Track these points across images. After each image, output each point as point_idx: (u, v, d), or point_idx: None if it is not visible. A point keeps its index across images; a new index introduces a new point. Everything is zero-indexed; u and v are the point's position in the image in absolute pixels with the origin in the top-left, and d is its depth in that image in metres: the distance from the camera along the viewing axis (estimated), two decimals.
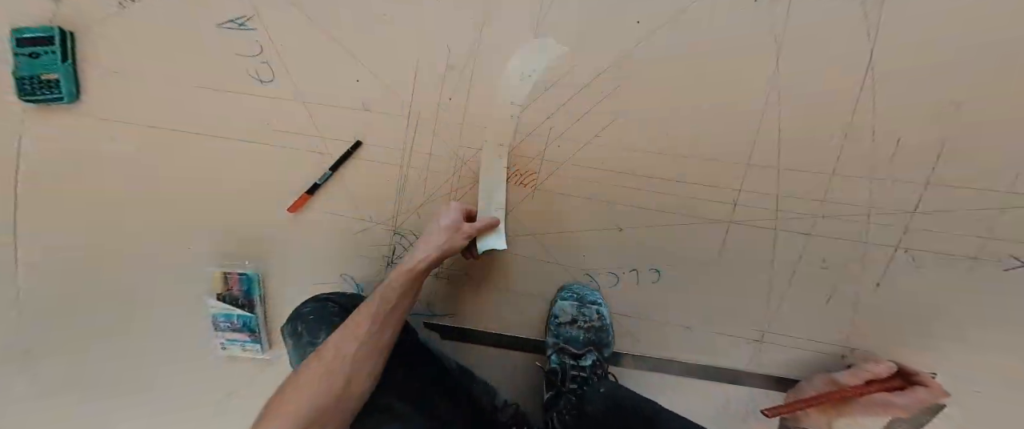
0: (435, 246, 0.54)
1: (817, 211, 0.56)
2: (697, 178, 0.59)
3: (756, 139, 0.56)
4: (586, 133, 0.61)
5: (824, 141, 0.54)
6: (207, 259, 0.74)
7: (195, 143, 0.69)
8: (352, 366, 0.44)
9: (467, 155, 0.65)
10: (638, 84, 0.58)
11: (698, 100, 0.57)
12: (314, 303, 0.60)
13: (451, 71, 0.62)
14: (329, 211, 0.70)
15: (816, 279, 0.57)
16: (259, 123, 0.67)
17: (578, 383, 0.59)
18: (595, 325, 0.61)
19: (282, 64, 0.65)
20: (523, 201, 0.65)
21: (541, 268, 0.67)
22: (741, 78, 0.55)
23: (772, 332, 0.61)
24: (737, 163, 0.57)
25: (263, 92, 0.66)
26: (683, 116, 0.57)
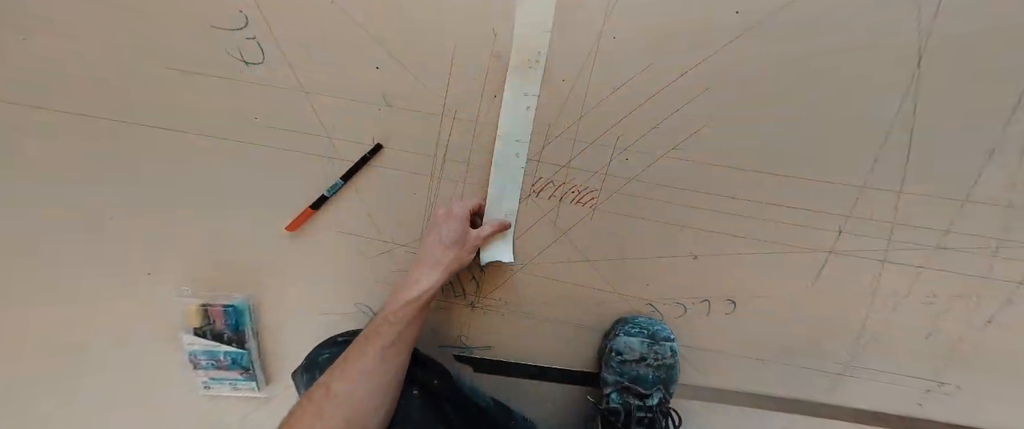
0: (440, 268, 0.46)
1: (937, 242, 0.48)
2: (796, 201, 0.49)
3: (878, 157, 0.46)
4: (662, 144, 0.50)
5: (962, 161, 0.45)
6: (177, 288, 0.60)
7: (155, 141, 0.53)
8: (348, 406, 0.40)
9: None
10: (732, 87, 0.47)
11: (807, 108, 0.46)
12: (332, 348, 0.51)
13: (496, 61, 0.49)
14: (340, 229, 0.58)
15: (919, 314, 0.51)
16: (244, 117, 0.52)
17: (645, 425, 0.52)
18: (667, 363, 0.54)
19: (275, 42, 0.49)
20: (580, 222, 0.54)
21: (595, 297, 0.58)
22: (867, 83, 0.45)
23: (855, 366, 0.55)
24: (849, 185, 0.48)
25: (249, 77, 0.51)
26: (786, 127, 0.47)
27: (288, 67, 0.50)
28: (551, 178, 0.53)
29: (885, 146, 0.46)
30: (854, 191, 0.48)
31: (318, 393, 0.41)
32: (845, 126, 0.46)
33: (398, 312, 0.44)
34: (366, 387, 0.41)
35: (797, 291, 0.53)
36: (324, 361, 0.49)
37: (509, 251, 0.55)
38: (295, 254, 0.59)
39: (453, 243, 0.47)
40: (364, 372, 0.41)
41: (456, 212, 0.48)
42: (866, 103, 0.45)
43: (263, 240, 0.58)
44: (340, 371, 0.42)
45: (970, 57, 0.43)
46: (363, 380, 0.41)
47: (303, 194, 0.55)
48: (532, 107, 0.50)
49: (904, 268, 0.49)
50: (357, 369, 0.41)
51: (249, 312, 0.61)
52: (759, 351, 0.57)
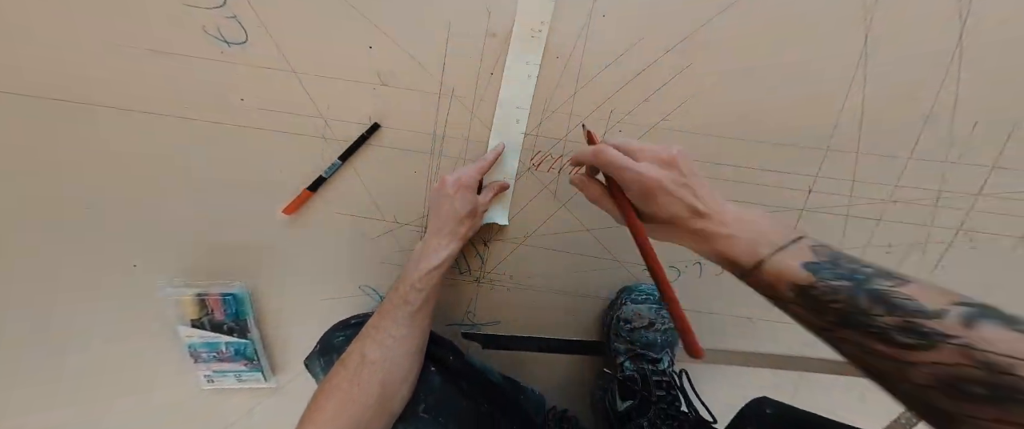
0: (457, 238, 0.48)
1: (889, 196, 0.54)
2: (773, 164, 0.54)
3: (838, 122, 0.52)
4: (651, 116, 0.54)
5: (906, 124, 0.52)
6: (168, 278, 0.58)
7: (132, 124, 0.51)
8: (384, 372, 0.42)
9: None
10: (713, 61, 0.51)
11: (778, 80, 0.51)
12: (346, 330, 0.51)
13: (491, 39, 0.51)
14: (340, 210, 0.57)
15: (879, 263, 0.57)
16: (228, 99, 0.51)
17: (664, 389, 0.55)
18: (671, 326, 0.57)
19: (258, 21, 0.48)
20: (578, 193, 0.57)
21: (596, 265, 0.60)
22: (827, 57, 0.50)
23: None
24: (816, 148, 0.53)
25: (232, 57, 0.49)
26: (762, 97, 0.52)
27: (275, 47, 0.49)
28: (549, 151, 0.55)
29: (843, 112, 0.52)
30: (820, 154, 0.54)
31: (353, 360, 0.42)
32: (811, 95, 0.52)
33: (423, 279, 0.45)
34: (399, 351, 0.43)
35: None
36: (340, 342, 0.50)
37: (505, 213, 0.57)
38: (294, 238, 0.57)
39: (468, 213, 0.49)
40: (398, 338, 0.43)
41: (466, 181, 0.49)
42: (827, 74, 0.51)
43: (259, 225, 0.56)
44: (372, 339, 0.43)
45: (907, 37, 0.50)
46: (396, 346, 0.43)
47: (299, 176, 0.55)
48: (533, 75, 0.52)
49: (864, 222, 0.56)
50: (391, 335, 0.43)
51: (249, 300, 0.59)
52: (746, 309, 0.61)
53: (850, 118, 0.52)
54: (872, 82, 0.51)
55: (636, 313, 0.57)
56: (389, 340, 0.43)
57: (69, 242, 0.55)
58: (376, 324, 0.45)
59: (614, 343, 0.60)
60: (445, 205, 0.49)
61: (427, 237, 0.49)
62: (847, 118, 0.52)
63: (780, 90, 0.52)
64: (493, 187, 0.54)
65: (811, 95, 0.52)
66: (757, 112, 0.53)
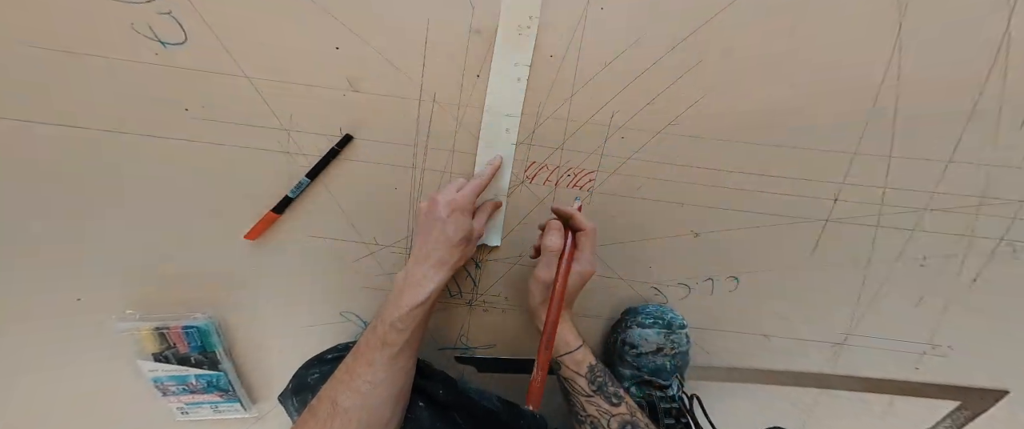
0: (446, 267, 0.42)
1: (925, 204, 0.49)
2: (794, 171, 0.49)
3: (868, 122, 0.46)
4: (658, 120, 0.48)
5: (945, 123, 0.46)
6: (120, 313, 0.52)
7: (60, 139, 0.45)
8: (359, 421, 0.37)
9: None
10: (725, 58, 0.45)
11: (800, 77, 0.45)
12: (321, 366, 0.47)
13: (476, 37, 0.45)
14: (312, 233, 0.51)
15: (912, 277, 0.52)
16: (170, 109, 0.45)
17: (673, 417, 0.50)
18: (682, 350, 0.52)
19: (198, 17, 0.42)
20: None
21: (598, 283, 0.55)
22: (854, 51, 0.44)
23: (856, 334, 0.55)
24: (843, 152, 0.48)
25: (170, 60, 0.43)
26: (781, 97, 0.46)
27: (221, 48, 0.43)
28: (544, 162, 0.50)
29: (874, 112, 0.46)
30: (847, 158, 0.48)
31: (323, 408, 0.38)
32: (836, 94, 0.46)
33: (405, 318, 0.39)
34: (377, 398, 0.38)
35: (796, 262, 0.52)
36: (314, 381, 0.45)
37: (498, 234, 0.52)
38: (262, 264, 0.52)
39: (462, 240, 0.42)
40: (374, 383, 0.38)
41: (461, 204, 0.43)
42: (854, 71, 0.45)
43: (220, 252, 0.51)
44: (346, 384, 0.38)
45: (947, 27, 0.44)
46: (373, 392, 0.38)
47: (262, 196, 0.49)
48: (523, 78, 0.46)
49: (896, 232, 0.50)
50: (366, 381, 0.38)
51: (216, 331, 0.54)
52: (764, 326, 0.56)
53: (882, 118, 0.46)
54: (907, 76, 0.45)
55: (643, 338, 0.52)
56: (365, 386, 0.38)
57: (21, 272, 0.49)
58: (350, 367, 0.39)
59: (618, 367, 0.55)
60: (436, 229, 0.42)
61: (411, 266, 0.42)
62: (878, 118, 0.46)
63: (802, 88, 0.46)
64: (486, 208, 0.48)
65: (837, 93, 0.46)
66: (776, 114, 0.47)
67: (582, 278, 0.44)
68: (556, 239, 0.43)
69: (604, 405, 0.42)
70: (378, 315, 0.42)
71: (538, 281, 0.44)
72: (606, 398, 0.42)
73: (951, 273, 0.51)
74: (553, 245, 0.43)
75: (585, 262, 0.44)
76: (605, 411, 0.42)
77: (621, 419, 0.41)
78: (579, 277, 0.43)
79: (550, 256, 0.43)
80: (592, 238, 0.44)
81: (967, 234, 0.50)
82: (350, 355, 0.41)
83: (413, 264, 0.42)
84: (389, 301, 0.42)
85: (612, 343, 0.56)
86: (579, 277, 0.43)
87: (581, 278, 0.44)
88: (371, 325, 0.42)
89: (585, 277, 0.44)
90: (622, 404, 0.42)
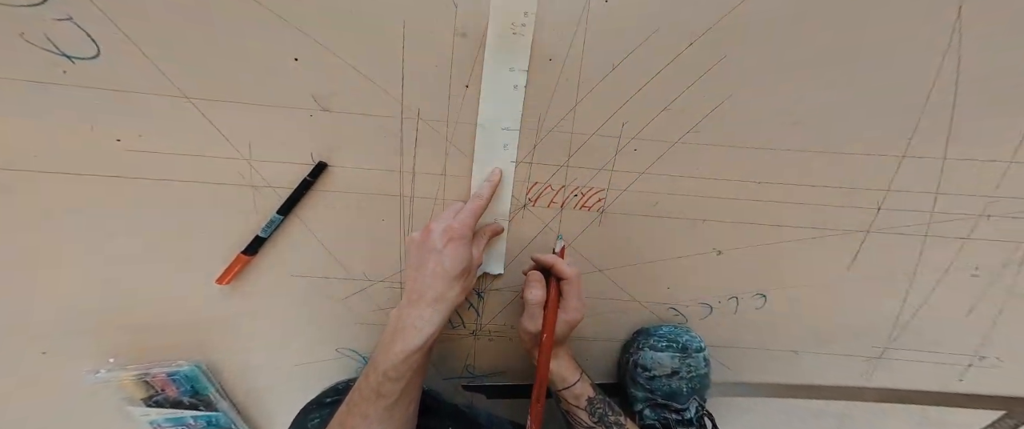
0: (445, 304, 0.37)
1: (982, 210, 0.43)
2: (832, 179, 0.43)
3: (919, 122, 0.40)
4: (676, 128, 0.41)
5: (1009, 119, 0.40)
6: (95, 364, 0.48)
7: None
8: None
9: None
10: (752, 55, 0.38)
11: (838, 74, 0.39)
12: (320, 410, 0.45)
13: (462, 41, 0.38)
14: (293, 273, 0.46)
15: (961, 288, 0.47)
16: (95, 139, 0.38)
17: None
18: (701, 373, 0.48)
19: (110, 23, 0.34)
20: (587, 229, 0.46)
21: (611, 306, 0.50)
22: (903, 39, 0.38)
23: (894, 347, 0.51)
24: (888, 156, 0.42)
25: (81, 78, 0.35)
26: (815, 97, 0.40)
27: (147, 61, 0.36)
28: (548, 182, 0.44)
29: (926, 109, 0.40)
30: (893, 162, 0.42)
31: None
32: (882, 90, 0.39)
33: (399, 366, 0.35)
34: None
35: (833, 276, 0.47)
36: (315, 426, 0.44)
37: (500, 261, 0.47)
38: (243, 308, 0.47)
39: (461, 273, 0.37)
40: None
41: (459, 231, 0.37)
42: (905, 61, 0.38)
43: (192, 299, 0.46)
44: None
45: (1015, 12, 0.37)
46: None
47: (231, 235, 0.44)
48: (520, 85, 0.40)
49: (947, 241, 0.45)
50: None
51: (205, 375, 0.50)
52: (793, 343, 0.52)
53: (936, 114, 0.40)
54: (967, 66, 0.38)
55: (656, 361, 0.47)
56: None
57: None
58: (344, 421, 0.37)
59: (630, 389, 0.51)
60: (430, 262, 0.37)
61: (404, 307, 0.37)
62: (932, 115, 0.40)
63: (843, 85, 0.39)
64: (485, 233, 0.43)
65: (884, 89, 0.39)
66: (812, 115, 0.40)
67: (569, 325, 0.42)
68: (536, 292, 0.41)
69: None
70: (370, 361, 0.37)
71: (524, 331, 0.42)
72: (606, 428, 0.42)
73: (1006, 283, 0.46)
74: (533, 298, 0.41)
75: (571, 310, 0.41)
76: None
77: None
78: (566, 325, 0.41)
79: (532, 308, 0.41)
80: (577, 285, 0.41)
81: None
82: (344, 405, 0.37)
83: (407, 305, 0.37)
84: (380, 348, 0.37)
85: (624, 364, 0.52)
86: (566, 325, 0.41)
87: (568, 325, 0.41)
88: (364, 372, 0.38)
89: (572, 324, 0.42)
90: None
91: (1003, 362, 0.50)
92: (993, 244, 0.44)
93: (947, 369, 0.51)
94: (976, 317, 0.48)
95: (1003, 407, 0.53)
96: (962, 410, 0.54)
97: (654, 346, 0.48)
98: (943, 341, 0.50)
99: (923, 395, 0.53)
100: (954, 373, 0.51)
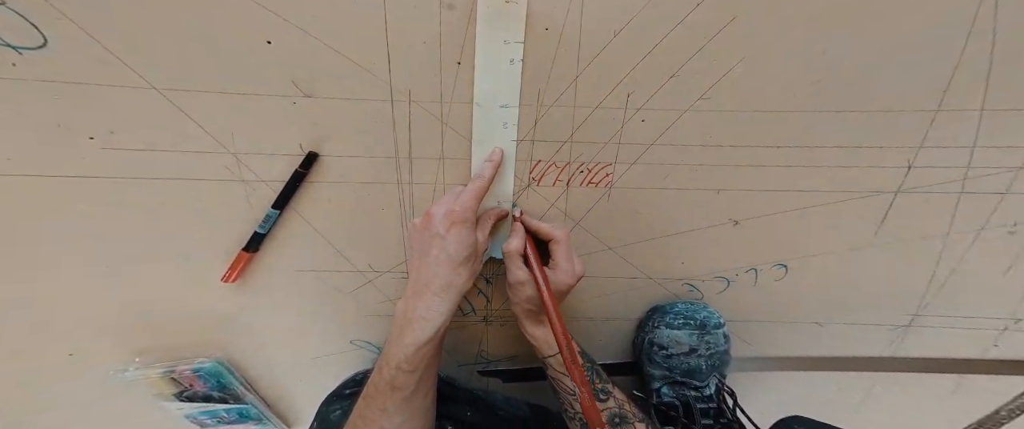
0: (453, 291, 0.36)
1: (1022, 161, 0.40)
2: (855, 139, 0.40)
3: (955, 71, 0.37)
4: (685, 95, 0.39)
5: None
6: (121, 363, 0.48)
7: None
8: None
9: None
10: (766, 11, 0.35)
11: (861, 25, 0.35)
12: (341, 401, 0.46)
13: (450, 13, 0.36)
14: (298, 268, 0.45)
15: (997, 247, 0.44)
16: (63, 136, 0.36)
17: (711, 417, 0.45)
18: (720, 350, 0.46)
19: (52, 8, 0.31)
20: (595, 206, 0.44)
21: (624, 285, 0.49)
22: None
23: (925, 314, 0.48)
24: (921, 111, 0.38)
25: (34, 70, 0.33)
26: (837, 52, 0.36)
27: (103, 50, 0.33)
28: (552, 159, 0.42)
29: (964, 57, 0.36)
30: (926, 117, 0.39)
31: None
32: (912, 39, 0.36)
33: (411, 358, 0.35)
34: None
35: (858, 242, 0.45)
36: (338, 417, 0.44)
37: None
38: (253, 305, 0.47)
39: (466, 258, 0.36)
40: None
41: (461, 214, 0.36)
42: (936, 8, 0.35)
43: (200, 298, 0.46)
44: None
45: None
46: None
47: (230, 233, 0.43)
48: (517, 59, 0.37)
49: (983, 197, 0.42)
50: (381, 427, 0.35)
51: (228, 370, 0.50)
52: (816, 314, 0.50)
53: (973, 64, 0.36)
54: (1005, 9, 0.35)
55: (673, 339, 0.46)
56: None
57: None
58: (364, 414, 0.37)
59: (647, 368, 0.50)
60: (434, 249, 0.36)
61: (410, 298, 0.36)
62: (968, 65, 0.36)
63: (869, 36, 0.36)
64: (490, 216, 0.41)
65: (915, 41, 0.36)
66: (835, 71, 0.37)
67: (567, 288, 0.40)
68: (514, 242, 0.40)
69: None
70: (383, 355, 0.37)
71: (508, 286, 0.41)
72: (594, 395, 0.41)
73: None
74: (508, 248, 0.40)
75: (560, 272, 0.40)
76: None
77: (610, 413, 0.40)
78: (563, 288, 0.40)
79: (508, 260, 0.41)
80: (564, 245, 0.40)
81: None
82: (362, 398, 0.37)
83: (413, 295, 0.36)
84: (391, 341, 0.36)
85: (640, 343, 0.51)
86: (563, 288, 0.40)
87: (566, 289, 0.40)
88: (377, 366, 0.37)
89: (566, 287, 0.40)
90: (609, 399, 0.41)
91: None
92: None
93: (982, 334, 0.49)
94: (1013, 277, 0.45)
95: None
96: (998, 377, 0.52)
97: (670, 324, 0.46)
98: (978, 305, 0.47)
99: (955, 363, 0.51)
100: (989, 338, 0.49)
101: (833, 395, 0.56)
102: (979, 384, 0.52)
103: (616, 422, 0.40)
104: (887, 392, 0.54)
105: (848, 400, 0.56)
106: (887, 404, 0.55)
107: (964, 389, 0.54)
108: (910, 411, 0.56)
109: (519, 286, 0.40)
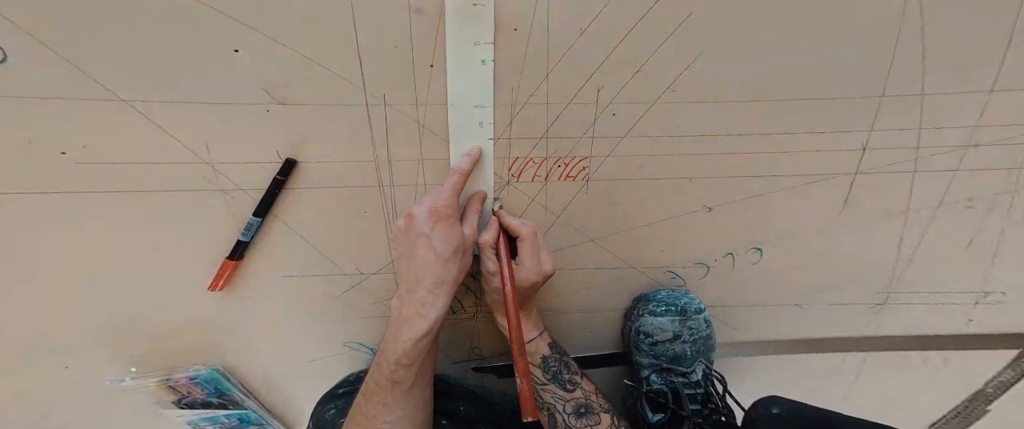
0: (446, 287, 0.37)
1: (968, 139, 0.42)
2: (811, 125, 0.42)
3: (893, 60, 0.39)
4: (650, 91, 0.41)
5: (984, 49, 0.39)
6: (119, 373, 0.47)
7: None
8: None
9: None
10: (719, 7, 0.37)
11: (807, 20, 0.38)
12: (335, 401, 0.46)
13: (418, 17, 0.37)
14: (284, 274, 0.46)
15: (956, 222, 0.46)
16: (42, 155, 0.36)
17: (699, 402, 0.46)
18: (703, 335, 0.47)
19: (10, 24, 0.32)
20: (574, 200, 0.45)
21: (608, 276, 0.50)
22: None
23: (897, 291, 0.50)
24: (867, 97, 0.41)
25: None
26: (788, 45, 0.39)
27: (64, 62, 0.33)
28: (529, 155, 0.43)
29: (899, 47, 0.39)
30: (873, 103, 0.41)
31: None
32: (853, 31, 0.38)
33: (409, 353, 0.35)
34: None
35: (825, 223, 0.47)
36: (333, 416, 0.45)
37: None
38: (242, 311, 0.47)
39: (454, 252, 0.37)
40: (393, 423, 0.36)
41: (444, 210, 0.37)
42: (870, 2, 0.37)
43: (189, 308, 0.46)
44: (362, 428, 0.37)
45: None
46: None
47: (214, 242, 0.43)
48: (488, 59, 0.39)
49: (936, 174, 0.44)
50: (384, 421, 0.36)
51: (224, 377, 0.50)
52: (794, 296, 0.51)
53: (909, 50, 0.39)
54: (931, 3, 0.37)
55: (657, 327, 0.47)
56: (384, 427, 0.36)
57: None
58: (364, 410, 0.37)
59: (636, 357, 0.50)
60: (421, 248, 0.36)
61: (404, 295, 0.37)
62: (905, 51, 0.39)
63: (813, 30, 0.38)
64: (474, 207, 0.42)
65: (856, 29, 0.38)
66: (787, 63, 0.39)
67: (532, 285, 0.41)
68: (487, 235, 0.42)
69: (559, 392, 0.42)
70: (381, 351, 0.37)
71: (482, 278, 0.43)
72: (560, 385, 0.43)
73: (1001, 212, 0.46)
74: (481, 241, 0.42)
75: (526, 269, 0.41)
76: (560, 397, 0.42)
77: (575, 403, 0.42)
78: (527, 284, 0.41)
79: (482, 251, 0.42)
80: (530, 243, 0.41)
81: (1017, 167, 0.44)
82: (361, 395, 0.38)
83: (406, 294, 0.37)
84: (387, 338, 0.37)
85: (627, 332, 0.52)
86: (527, 284, 0.41)
87: (531, 285, 0.41)
88: (376, 361, 0.38)
89: (531, 283, 0.41)
90: (577, 390, 0.42)
91: (1007, 296, 0.49)
92: (984, 173, 0.44)
93: (955, 310, 0.51)
94: (975, 250, 0.47)
95: (1017, 345, 0.52)
96: (980, 352, 0.53)
97: (653, 311, 0.47)
98: (946, 280, 0.49)
99: (936, 340, 0.52)
100: (962, 313, 0.51)
101: (822, 377, 0.57)
102: (964, 361, 0.54)
103: (581, 412, 0.42)
104: (874, 376, 0.56)
105: (837, 382, 0.57)
106: (875, 385, 0.57)
107: (951, 367, 0.55)
108: (898, 391, 0.58)
109: (490, 277, 0.41)
